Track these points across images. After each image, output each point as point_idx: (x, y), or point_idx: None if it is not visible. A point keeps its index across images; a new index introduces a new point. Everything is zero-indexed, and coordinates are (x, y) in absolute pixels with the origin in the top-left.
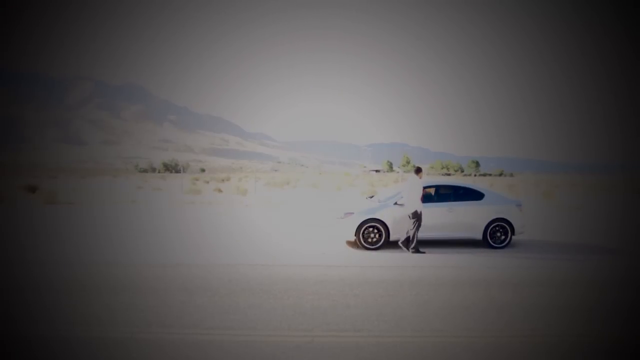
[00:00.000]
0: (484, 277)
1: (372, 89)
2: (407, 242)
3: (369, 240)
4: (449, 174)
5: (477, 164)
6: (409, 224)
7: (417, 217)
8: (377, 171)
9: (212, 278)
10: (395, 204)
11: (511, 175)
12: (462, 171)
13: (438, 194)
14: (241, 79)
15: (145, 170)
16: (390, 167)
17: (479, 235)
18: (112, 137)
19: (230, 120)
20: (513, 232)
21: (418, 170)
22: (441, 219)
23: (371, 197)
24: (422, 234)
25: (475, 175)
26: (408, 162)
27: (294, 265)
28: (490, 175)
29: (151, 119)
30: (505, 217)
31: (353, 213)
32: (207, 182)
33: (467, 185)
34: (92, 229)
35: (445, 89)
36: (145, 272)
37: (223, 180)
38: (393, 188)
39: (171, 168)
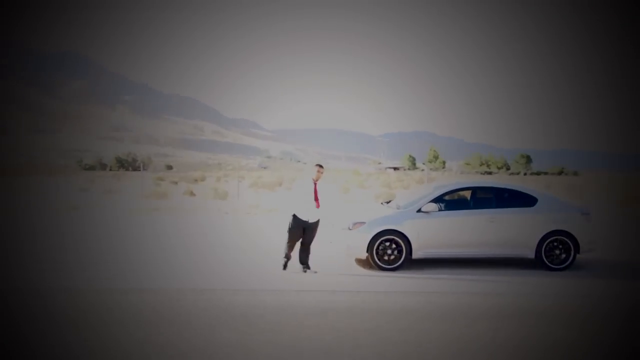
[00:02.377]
0: (539, 309)
1: (388, 63)
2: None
3: (385, 258)
4: (489, 172)
5: (528, 159)
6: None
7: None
8: (395, 168)
9: (180, 307)
10: (420, 211)
11: (575, 173)
12: (508, 169)
13: (475, 199)
14: (220, 48)
15: (91, 168)
16: (413, 163)
17: (530, 253)
18: (46, 123)
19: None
20: (578, 250)
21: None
22: (479, 231)
23: (388, 202)
24: (454, 252)
25: (525, 174)
26: (436, 157)
27: (289, 291)
28: (546, 173)
29: (99, 100)
30: (566, 230)
31: (364, 223)
32: (176, 183)
33: (514, 187)
34: (15, 244)
35: (483, 61)
36: (86, 300)
37: (196, 180)
38: (416, 190)
39: (127, 164)
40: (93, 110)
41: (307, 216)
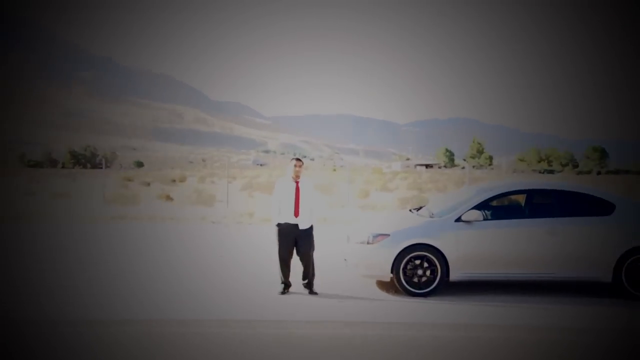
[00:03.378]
0: (618, 347)
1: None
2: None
3: (415, 280)
4: (551, 171)
5: (603, 154)
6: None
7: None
8: (428, 166)
9: (155, 343)
10: (459, 220)
11: None
12: (576, 166)
13: (531, 205)
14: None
15: (38, 164)
16: (451, 159)
17: (605, 276)
18: None
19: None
20: None
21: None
22: (537, 247)
23: (418, 209)
24: (503, 273)
25: (599, 173)
26: (481, 152)
27: (292, 322)
28: (627, 172)
29: (49, 77)
30: None
31: (388, 235)
32: (148, 185)
33: (583, 190)
34: None
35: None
36: (32, 334)
37: (174, 180)
38: (455, 194)
39: (85, 161)
40: (41, 90)
41: (294, 221)
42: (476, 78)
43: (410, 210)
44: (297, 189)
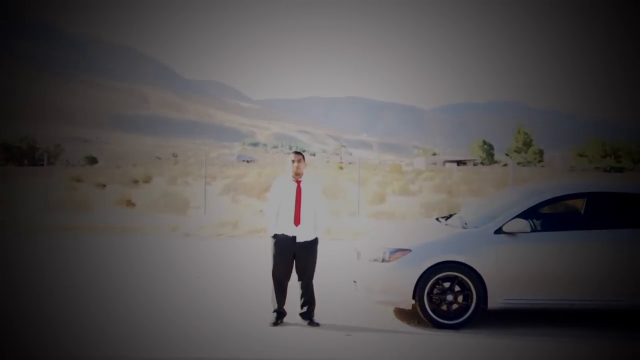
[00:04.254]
0: None
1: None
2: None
3: (444, 307)
4: (619, 169)
5: None
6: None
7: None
8: (460, 163)
9: None
10: (500, 231)
11: None
12: None
13: (593, 213)
14: None
15: None
16: (489, 153)
17: None
18: None
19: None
20: None
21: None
22: (600, 266)
23: (448, 217)
24: (557, 299)
25: None
26: (528, 144)
27: None
28: None
29: None
30: None
31: (409, 251)
32: (103, 187)
33: None
34: None
35: None
36: None
37: (137, 181)
38: (495, 198)
39: (21, 156)
40: None
41: (294, 231)
42: (522, 50)
43: (437, 219)
44: (298, 190)
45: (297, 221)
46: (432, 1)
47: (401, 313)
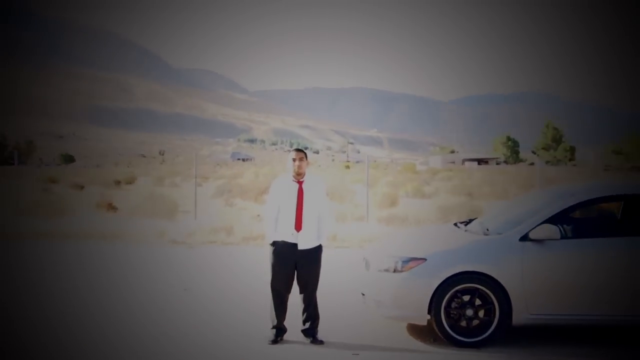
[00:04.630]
0: None
1: None
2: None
3: (463, 324)
4: None
5: None
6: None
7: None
8: (481, 161)
9: None
10: (526, 238)
11: None
12: None
13: (630, 217)
14: None
15: None
16: (514, 151)
17: None
18: None
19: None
20: None
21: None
22: (639, 277)
23: (467, 222)
24: (592, 314)
25: None
26: (557, 140)
27: None
28: None
29: None
30: None
31: (424, 260)
32: (81, 188)
33: None
34: None
35: None
36: None
37: (119, 182)
38: (520, 201)
39: None
40: None
41: (295, 237)
42: (551, 34)
43: (456, 225)
44: (300, 192)
45: (298, 227)
46: None
47: (415, 329)
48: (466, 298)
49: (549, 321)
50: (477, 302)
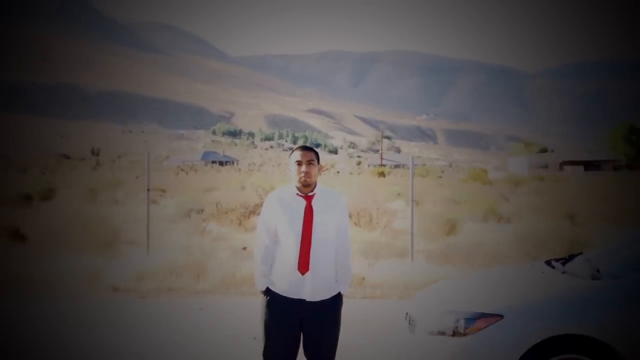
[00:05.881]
0: None
1: None
2: None
3: None
4: None
5: None
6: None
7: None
8: (590, 165)
9: None
10: None
11: None
12: None
13: None
14: None
15: None
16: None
17: None
18: None
19: None
20: None
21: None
22: None
23: (565, 259)
24: None
25: None
26: None
27: None
28: None
29: None
30: None
31: (501, 317)
32: None
33: None
34: None
35: None
36: None
37: (30, 198)
38: None
39: None
40: None
41: (300, 283)
42: None
43: (549, 264)
44: (308, 212)
45: (304, 266)
46: None
47: None
48: None
49: None
50: None
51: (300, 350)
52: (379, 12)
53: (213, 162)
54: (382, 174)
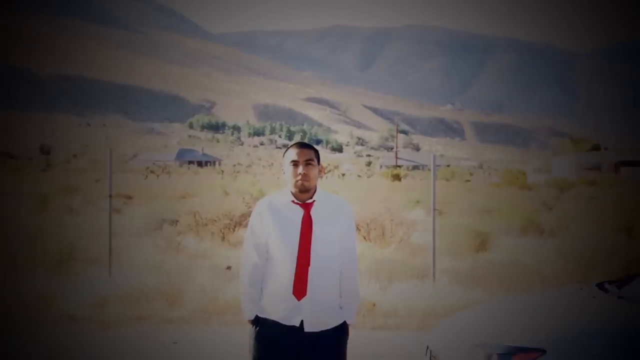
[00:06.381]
0: None
1: None
2: None
3: None
4: None
5: None
6: None
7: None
8: None
9: None
10: None
11: None
12: None
13: None
14: None
15: None
16: None
17: None
18: None
19: None
20: None
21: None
22: None
23: (620, 282)
24: None
25: None
26: None
27: None
28: None
29: None
30: None
31: (543, 352)
32: None
33: None
34: None
35: None
36: None
37: None
38: None
39: None
40: None
41: (296, 310)
42: None
43: (601, 287)
44: (306, 223)
45: (301, 290)
46: None
47: None
48: None
49: None
50: None
51: None
52: None
53: (190, 162)
54: (397, 177)
